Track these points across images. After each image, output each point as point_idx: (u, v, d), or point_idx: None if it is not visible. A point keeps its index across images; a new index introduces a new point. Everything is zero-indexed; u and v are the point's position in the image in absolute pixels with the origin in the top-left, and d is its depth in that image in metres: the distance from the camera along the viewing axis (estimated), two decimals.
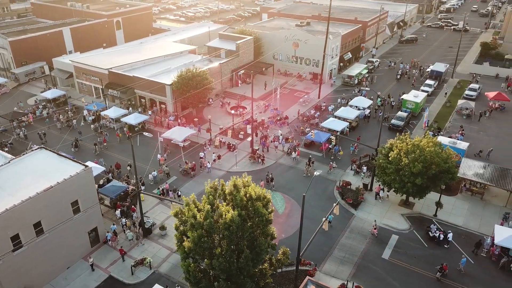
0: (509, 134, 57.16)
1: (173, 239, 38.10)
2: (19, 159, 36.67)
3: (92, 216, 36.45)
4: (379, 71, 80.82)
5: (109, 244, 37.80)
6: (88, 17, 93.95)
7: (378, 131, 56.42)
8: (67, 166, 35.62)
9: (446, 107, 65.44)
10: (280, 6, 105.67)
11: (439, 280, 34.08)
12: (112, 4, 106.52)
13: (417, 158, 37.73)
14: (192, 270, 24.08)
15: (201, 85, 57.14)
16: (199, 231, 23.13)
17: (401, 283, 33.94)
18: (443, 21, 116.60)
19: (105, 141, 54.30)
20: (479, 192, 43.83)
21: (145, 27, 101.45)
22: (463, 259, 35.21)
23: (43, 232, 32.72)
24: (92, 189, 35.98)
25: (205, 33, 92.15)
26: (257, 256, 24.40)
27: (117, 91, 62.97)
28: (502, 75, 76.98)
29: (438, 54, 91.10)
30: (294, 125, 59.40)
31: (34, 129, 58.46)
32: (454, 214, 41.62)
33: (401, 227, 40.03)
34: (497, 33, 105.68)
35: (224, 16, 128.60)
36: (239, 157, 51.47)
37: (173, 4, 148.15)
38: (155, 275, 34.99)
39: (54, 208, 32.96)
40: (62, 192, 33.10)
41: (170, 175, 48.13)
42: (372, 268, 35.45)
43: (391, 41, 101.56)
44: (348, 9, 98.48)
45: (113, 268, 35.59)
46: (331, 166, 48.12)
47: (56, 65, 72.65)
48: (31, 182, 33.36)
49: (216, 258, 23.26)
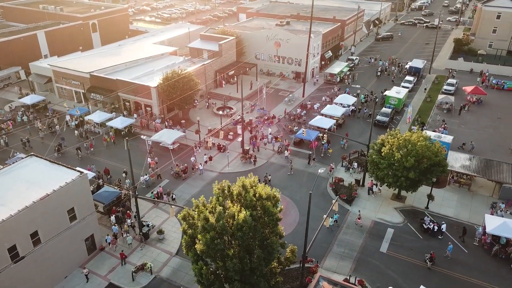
0: (487, 127, 59.33)
1: (172, 243, 38.16)
2: (9, 167, 35.44)
3: (88, 223, 35.62)
4: (359, 69, 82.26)
5: (108, 248, 37.29)
6: (62, 20, 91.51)
7: (364, 128, 57.82)
8: (60, 173, 34.68)
9: (427, 102, 67.28)
10: (258, 6, 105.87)
11: (429, 269, 35.11)
12: (86, 7, 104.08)
13: (409, 152, 38.72)
14: (205, 273, 23.92)
15: (188, 86, 56.67)
16: (211, 233, 23.01)
17: (400, 275, 34.75)
18: (415, 19, 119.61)
19: (92, 146, 53.06)
20: (466, 183, 45.36)
21: (121, 29, 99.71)
22: (450, 246, 36.59)
23: (40, 242, 31.77)
24: (88, 196, 35.16)
25: (184, 34, 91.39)
26: (269, 256, 24.50)
27: (100, 95, 61.67)
28: (476, 69, 79.79)
29: (413, 51, 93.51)
30: (282, 124, 59.73)
31: (15, 136, 56.57)
32: (445, 205, 42.92)
33: (396, 221, 40.97)
34: (467, 30, 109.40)
35: (200, 16, 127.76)
36: (230, 157, 51.35)
37: (147, 5, 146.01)
38: (157, 280, 34.55)
39: (51, 217, 32.05)
40: (58, 200, 32.22)
41: (161, 177, 47.61)
42: (371, 262, 36.14)
43: (367, 39, 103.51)
44: (325, 8, 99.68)
45: (112, 275, 34.90)
46: (331, 167, 48.20)
47: (34, 70, 70.44)
48: (24, 191, 32.31)
49: (230, 259, 23.21)
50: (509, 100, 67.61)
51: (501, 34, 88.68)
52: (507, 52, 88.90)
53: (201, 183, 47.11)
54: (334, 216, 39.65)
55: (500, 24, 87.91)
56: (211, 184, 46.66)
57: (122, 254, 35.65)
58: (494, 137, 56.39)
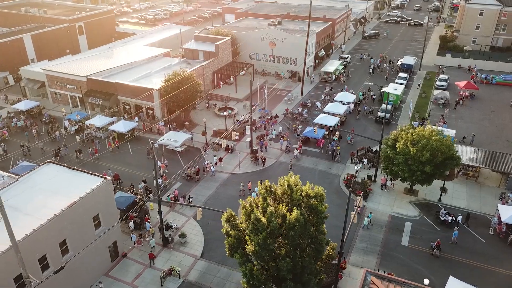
0: (483, 120, 61.37)
1: (195, 246, 37.72)
2: (27, 176, 34.29)
3: (112, 230, 34.85)
4: (352, 67, 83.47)
5: (133, 248, 37.01)
6: (47, 23, 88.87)
7: (365, 124, 58.82)
8: (81, 179, 33.83)
9: (422, 98, 68.94)
10: (244, 6, 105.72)
11: (438, 257, 36.14)
12: (69, 9, 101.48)
13: (424, 147, 39.63)
14: (256, 273, 23.81)
15: (191, 87, 56.18)
16: (263, 234, 22.94)
17: (425, 267, 35.55)
18: (398, 17, 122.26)
19: (97, 151, 51.85)
20: (474, 175, 46.79)
21: (108, 31, 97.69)
22: (455, 231, 37.96)
23: (68, 251, 30.92)
24: (112, 202, 34.44)
25: (174, 36, 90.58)
26: (317, 253, 24.67)
27: (98, 98, 60.35)
28: (464, 65, 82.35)
29: (401, 48, 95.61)
30: (285, 124, 59.95)
31: (11, 144, 54.77)
32: (456, 197, 44.16)
33: (412, 214, 41.88)
34: (448, 27, 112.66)
35: (184, 17, 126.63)
36: (240, 158, 51.19)
37: (128, 7, 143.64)
38: (186, 284, 34.15)
39: (78, 225, 31.22)
40: (84, 207, 31.43)
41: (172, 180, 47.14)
42: (395, 256, 36.82)
43: (354, 38, 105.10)
44: (313, 8, 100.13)
45: (139, 282, 34.28)
46: (357, 171, 48.12)
47: (25, 75, 68.14)
48: (47, 199, 31.36)
49: (282, 259, 23.22)
50: (499, 94, 70.06)
51: (484, 31, 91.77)
52: (490, 48, 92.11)
53: (214, 185, 46.81)
54: (369, 215, 39.98)
55: (483, 21, 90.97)
56: (224, 185, 46.82)
57: (151, 255, 35.44)
58: (490, 130, 58.38)
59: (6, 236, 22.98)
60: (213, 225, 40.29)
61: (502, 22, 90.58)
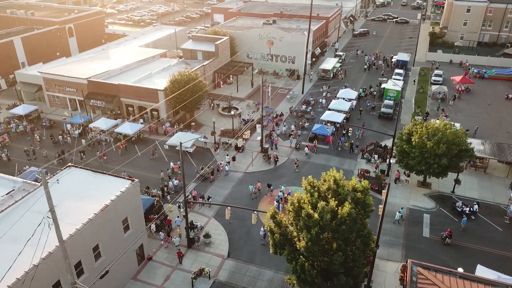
0: (481, 113, 63.09)
1: (220, 246, 37.46)
2: (51, 180, 33.28)
3: (139, 233, 34.29)
4: (347, 64, 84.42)
5: (161, 244, 37.39)
6: (35, 25, 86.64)
7: (369, 120, 59.67)
8: (107, 182, 33.19)
9: (420, 93, 70.33)
10: (235, 6, 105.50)
11: (449, 245, 37.15)
12: (56, 10, 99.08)
13: (439, 140, 40.47)
14: (307, 269, 23.83)
15: (197, 87, 55.73)
16: (316, 229, 23.00)
17: (450, 257, 36.30)
18: (384, 15, 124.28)
19: (105, 155, 50.83)
20: (482, 166, 48.07)
21: (97, 33, 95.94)
22: (464, 218, 39.33)
23: (101, 256, 30.26)
24: (139, 205, 33.87)
25: (167, 36, 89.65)
26: (365, 247, 24.93)
27: (100, 101, 59.20)
28: (455, 60, 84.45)
29: (391, 45, 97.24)
30: (291, 121, 60.11)
31: (13, 149, 53.18)
32: (468, 188, 45.27)
33: (429, 206, 42.70)
34: (433, 24, 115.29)
35: (172, 17, 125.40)
36: (251, 157, 51.10)
37: (112, 8, 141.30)
38: (216, 284, 33.87)
39: (109, 229, 30.60)
40: (115, 210, 30.82)
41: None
42: (419, 247, 37.47)
43: (345, 36, 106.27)
44: (304, 6, 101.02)
45: (169, 284, 33.82)
46: (377, 164, 48.65)
47: (20, 78, 66.14)
48: (75, 203, 30.60)
49: (334, 253, 23.35)
50: (492, 88, 72.14)
51: (471, 27, 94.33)
52: (477, 43, 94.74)
53: (229, 184, 46.59)
54: (400, 211, 40.37)
55: (470, 17, 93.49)
56: (239, 184, 46.69)
57: (179, 253, 35.29)
58: (490, 122, 60.07)
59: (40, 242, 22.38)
60: (235, 224, 40.19)
61: (488, 18, 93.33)
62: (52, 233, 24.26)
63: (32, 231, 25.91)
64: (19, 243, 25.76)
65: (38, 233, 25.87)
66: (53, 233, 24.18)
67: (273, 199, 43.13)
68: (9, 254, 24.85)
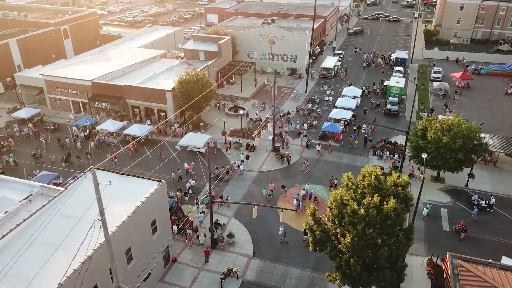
0: (483, 108, 64.33)
1: (244, 245, 37.29)
2: (75, 184, 32.73)
3: (165, 235, 33.91)
4: (346, 62, 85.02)
5: (185, 242, 37.37)
6: (29, 27, 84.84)
7: (375, 117, 60.21)
8: (133, 184, 32.69)
9: (421, 90, 71.26)
10: (228, 6, 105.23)
11: (463, 239, 37.80)
12: (48, 12, 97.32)
13: (455, 135, 41.08)
14: (353, 264, 23.87)
15: (206, 87, 55.37)
16: (362, 225, 23.08)
17: (472, 249, 36.82)
18: (376, 13, 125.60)
19: (116, 157, 50.07)
20: (492, 160, 48.98)
21: (92, 34, 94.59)
22: (475, 209, 40.26)
23: (132, 259, 29.81)
24: (166, 206, 33.50)
25: (164, 37, 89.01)
26: (408, 241, 25.15)
27: (106, 102, 58.35)
28: (452, 57, 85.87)
29: (387, 43, 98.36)
30: (299, 120, 60.16)
31: (19, 153, 52.02)
32: (480, 182, 46.08)
33: (445, 201, 43.32)
34: (425, 22, 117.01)
35: (165, 18, 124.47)
36: (263, 156, 51.05)
37: (102, 9, 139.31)
38: (245, 284, 33.72)
39: (139, 231, 30.17)
40: (145, 212, 30.40)
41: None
42: (441, 241, 37.93)
43: (340, 34, 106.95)
44: (299, 6, 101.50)
45: (197, 285, 33.50)
46: (394, 160, 48.96)
47: (19, 81, 64.67)
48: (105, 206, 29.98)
49: (379, 248, 23.48)
50: (490, 84, 73.59)
51: (464, 24, 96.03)
52: (470, 40, 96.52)
53: (245, 184, 46.45)
54: (428, 207, 40.70)
55: (464, 15, 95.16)
56: (255, 183, 46.64)
57: (206, 251, 35.21)
58: (492, 117, 61.27)
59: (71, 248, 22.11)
60: (256, 223, 40.07)
61: (481, 16, 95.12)
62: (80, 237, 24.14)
63: (64, 235, 25.68)
64: (56, 248, 25.26)
65: (71, 238, 25.65)
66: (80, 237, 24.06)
67: (290, 198, 43.12)
68: (48, 259, 24.28)
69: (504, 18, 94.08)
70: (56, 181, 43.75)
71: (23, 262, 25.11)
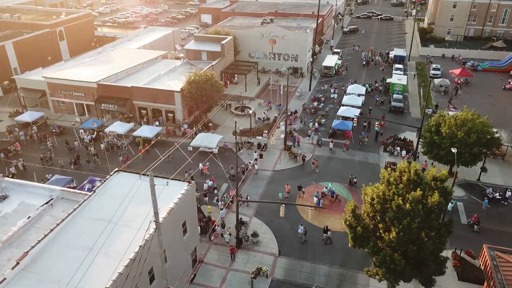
0: (484, 103, 65.62)
1: (268, 244, 37.31)
2: (102, 187, 32.26)
3: (194, 236, 33.69)
4: (345, 61, 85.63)
5: (210, 239, 37.38)
6: (23, 29, 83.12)
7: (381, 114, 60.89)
8: (160, 186, 32.26)
9: (422, 86, 72.34)
10: (221, 6, 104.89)
11: (478, 233, 38.48)
12: (41, 13, 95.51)
13: (469, 129, 41.84)
14: (397, 259, 24.10)
15: (215, 88, 55.18)
16: (407, 219, 23.36)
17: (495, 243, 37.39)
18: (368, 12, 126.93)
19: (128, 159, 49.51)
20: (501, 154, 50.05)
21: (87, 36, 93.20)
22: (485, 200, 41.24)
23: (166, 261, 29.49)
24: (194, 207, 33.24)
25: (162, 37, 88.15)
26: (448, 234, 25.55)
27: (112, 104, 57.61)
28: (448, 54, 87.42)
29: (382, 41, 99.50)
30: (307, 118, 60.38)
31: (26, 158, 50.97)
32: (492, 176, 47.04)
33: (460, 195, 44.05)
34: (417, 20, 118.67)
35: (159, 19, 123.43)
36: (275, 155, 51.12)
37: (92, 10, 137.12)
38: (275, 283, 33.76)
39: (172, 233, 29.88)
40: (177, 214, 30.12)
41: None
42: (461, 235, 38.51)
43: (335, 33, 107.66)
44: (295, 5, 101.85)
45: (227, 286, 33.41)
46: (409, 156, 49.29)
47: (20, 84, 63.33)
48: (137, 208, 29.65)
49: (423, 242, 23.81)
50: (488, 79, 75.16)
51: (457, 22, 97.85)
52: (463, 38, 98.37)
53: (262, 183, 46.46)
54: (452, 202, 40.91)
55: (457, 13, 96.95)
56: (271, 182, 46.73)
57: (232, 249, 35.22)
58: (495, 112, 62.51)
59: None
60: (278, 222, 40.09)
61: (473, 14, 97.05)
62: (116, 240, 23.87)
63: (96, 239, 25.42)
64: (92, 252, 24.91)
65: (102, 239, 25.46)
66: (116, 240, 23.78)
67: (309, 197, 43.25)
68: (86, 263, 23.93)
69: (496, 15, 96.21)
70: (70, 185, 43.05)
71: (64, 267, 24.70)
